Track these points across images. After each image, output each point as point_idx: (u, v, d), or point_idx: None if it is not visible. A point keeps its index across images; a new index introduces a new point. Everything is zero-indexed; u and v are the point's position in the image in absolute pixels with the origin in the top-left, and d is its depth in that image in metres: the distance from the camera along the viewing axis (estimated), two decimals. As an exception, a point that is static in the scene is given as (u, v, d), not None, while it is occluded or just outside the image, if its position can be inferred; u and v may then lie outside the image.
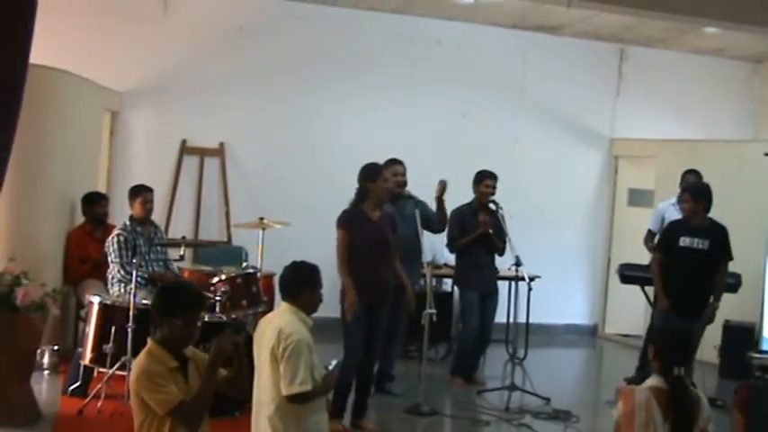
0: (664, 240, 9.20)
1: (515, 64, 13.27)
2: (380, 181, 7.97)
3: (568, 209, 13.61)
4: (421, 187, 9.55)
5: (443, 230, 9.72)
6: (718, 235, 8.93)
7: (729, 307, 10.29)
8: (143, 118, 11.89)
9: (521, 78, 13.29)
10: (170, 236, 10.98)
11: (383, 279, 7.97)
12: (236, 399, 6.14)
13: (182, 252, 8.70)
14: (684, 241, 8.85)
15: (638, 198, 13.46)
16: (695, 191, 9.17)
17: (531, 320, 11.04)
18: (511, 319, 10.19)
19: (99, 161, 11.08)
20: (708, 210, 8.95)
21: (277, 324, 5.47)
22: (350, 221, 7.90)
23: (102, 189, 10.67)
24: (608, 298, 13.67)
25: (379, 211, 8.04)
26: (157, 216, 10.80)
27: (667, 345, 5.16)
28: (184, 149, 12.01)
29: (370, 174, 8.01)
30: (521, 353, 11.03)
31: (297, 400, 5.39)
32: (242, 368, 5.13)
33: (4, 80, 7.36)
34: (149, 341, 4.86)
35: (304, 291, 5.65)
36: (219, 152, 12.12)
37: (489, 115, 13.07)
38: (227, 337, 4.87)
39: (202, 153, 12.09)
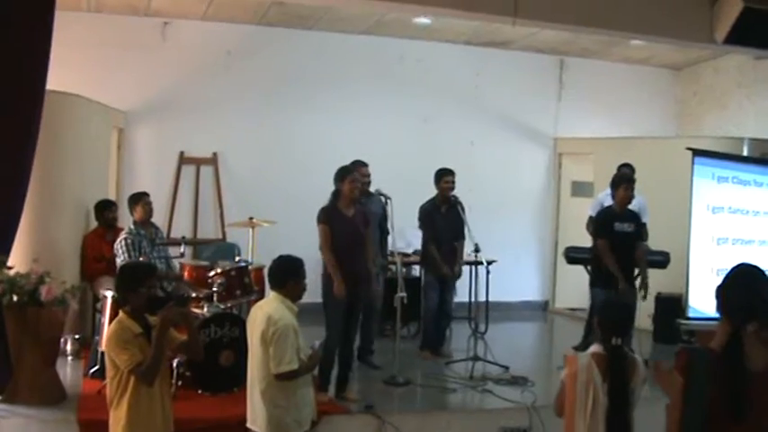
0: (603, 226, 9.34)
1: (469, 75, 13.37)
2: (348, 181, 7.99)
3: (520, 200, 13.74)
4: (389, 185, 9.63)
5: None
6: (638, 219, 9.30)
7: (660, 281, 10.51)
8: (145, 133, 11.90)
9: (474, 88, 13.38)
10: (172, 235, 11.12)
11: (358, 269, 7.98)
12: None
13: (182, 250, 8.79)
14: (618, 226, 9.07)
15: (580, 189, 13.60)
16: (632, 180, 9.44)
17: (490, 299, 11.15)
18: (473, 298, 10.25)
19: (109, 172, 11.08)
20: None
21: (267, 311, 5.62)
22: (328, 216, 7.94)
23: (112, 196, 10.66)
24: (557, 277, 13.80)
25: (353, 209, 8.07)
26: (160, 218, 10.92)
27: (607, 317, 5.22)
28: (182, 159, 12.06)
29: (339, 175, 8.10)
30: (482, 328, 11.18)
31: (284, 377, 5.54)
32: (193, 334, 5.51)
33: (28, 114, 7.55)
34: (120, 312, 5.24)
35: (290, 281, 5.78)
36: (213, 161, 12.17)
37: (447, 121, 13.14)
38: (170, 309, 5.17)
39: (198, 162, 12.13)
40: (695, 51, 12.96)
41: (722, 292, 4.17)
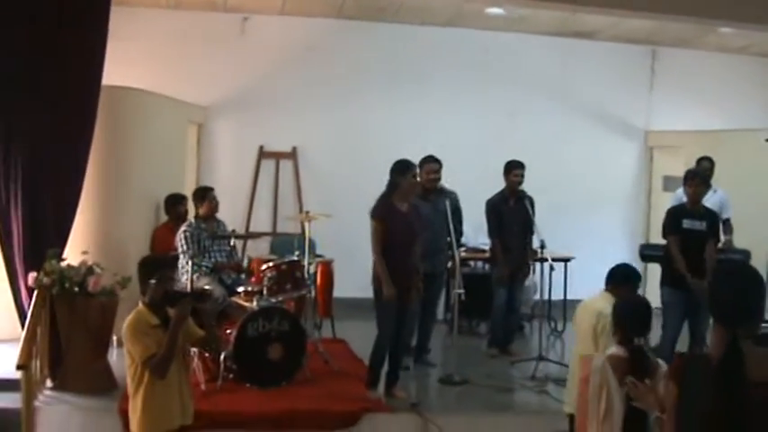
0: (670, 223, 8.91)
1: (557, 67, 13.00)
2: (409, 176, 7.74)
3: (610, 196, 13.29)
4: (471, 181, 9.46)
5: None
6: (713, 217, 8.77)
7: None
8: (225, 128, 12.05)
9: (561, 80, 13.00)
10: (251, 229, 11.36)
11: (411, 265, 7.74)
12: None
13: (232, 243, 8.85)
14: (687, 223, 8.65)
15: (672, 184, 13.03)
16: (705, 176, 9.00)
17: (575, 296, 10.83)
18: (548, 296, 9.83)
19: (186, 167, 11.16)
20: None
21: (597, 308, 5.98)
22: (383, 212, 7.68)
23: (189, 191, 10.60)
24: (647, 274, 13.37)
25: (407, 204, 7.83)
26: (239, 212, 11.11)
27: (627, 317, 4.96)
28: (262, 154, 12.15)
29: (400, 169, 7.78)
30: (560, 326, 10.93)
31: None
32: (210, 329, 5.54)
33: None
34: (139, 303, 5.29)
35: (626, 286, 6.04)
36: (292, 155, 12.21)
37: (534, 115, 12.79)
38: (184, 304, 5.15)
39: (278, 156, 12.19)
40: (797, 39, 12.32)
41: (711, 296, 3.73)
